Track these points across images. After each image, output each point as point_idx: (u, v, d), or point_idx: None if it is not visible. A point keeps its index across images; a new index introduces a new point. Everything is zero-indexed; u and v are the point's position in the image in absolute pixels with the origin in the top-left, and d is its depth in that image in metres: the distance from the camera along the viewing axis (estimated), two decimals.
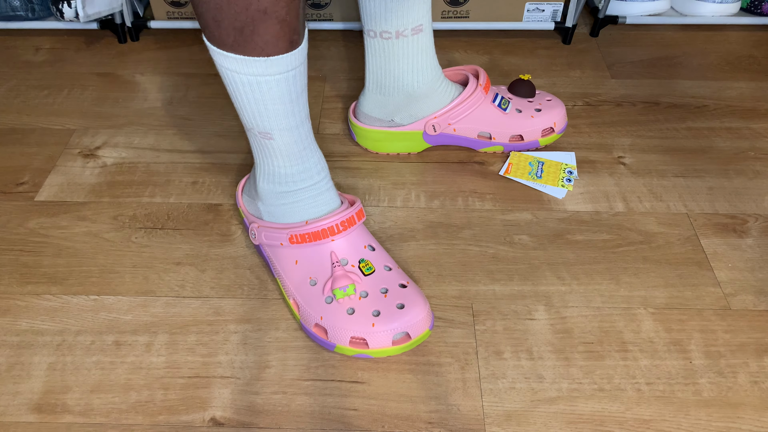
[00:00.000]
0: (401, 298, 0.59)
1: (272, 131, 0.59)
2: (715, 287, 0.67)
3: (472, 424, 0.56)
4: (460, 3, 1.03)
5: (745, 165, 0.83)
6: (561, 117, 0.82)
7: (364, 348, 0.58)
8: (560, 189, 0.78)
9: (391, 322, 0.57)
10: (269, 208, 0.65)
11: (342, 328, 0.58)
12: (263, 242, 0.65)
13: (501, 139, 0.81)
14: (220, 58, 0.53)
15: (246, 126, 0.61)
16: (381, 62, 0.76)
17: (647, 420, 0.56)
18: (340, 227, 0.62)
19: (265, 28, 0.50)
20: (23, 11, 1.02)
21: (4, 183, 0.80)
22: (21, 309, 0.65)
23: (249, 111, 0.57)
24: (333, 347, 0.59)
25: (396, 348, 0.58)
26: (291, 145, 0.60)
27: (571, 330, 0.63)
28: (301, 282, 0.62)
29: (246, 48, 0.51)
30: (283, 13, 0.49)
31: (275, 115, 0.57)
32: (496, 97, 0.80)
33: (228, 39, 0.51)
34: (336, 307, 0.59)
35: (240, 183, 0.73)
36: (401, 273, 0.62)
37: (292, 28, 0.51)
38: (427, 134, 0.81)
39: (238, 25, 0.49)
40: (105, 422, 0.56)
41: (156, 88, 0.96)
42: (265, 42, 0.50)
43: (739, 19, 1.07)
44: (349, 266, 0.61)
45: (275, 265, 0.65)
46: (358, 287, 0.60)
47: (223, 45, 0.51)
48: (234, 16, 0.49)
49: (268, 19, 0.49)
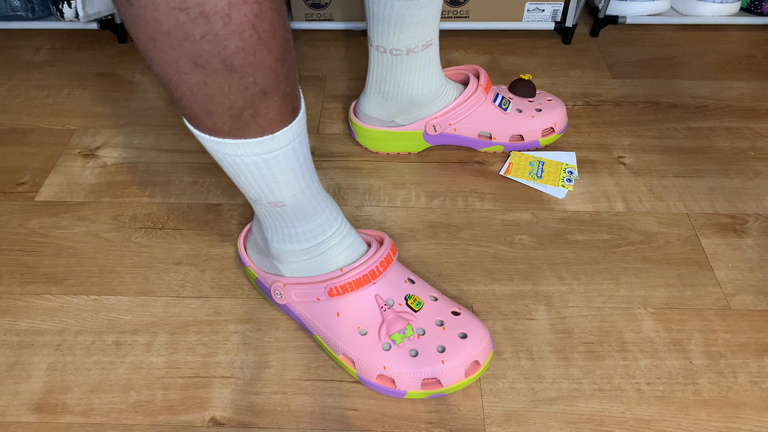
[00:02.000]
0: (460, 326, 0.56)
1: (284, 199, 0.53)
2: (715, 287, 0.67)
3: (472, 424, 0.56)
4: (460, 3, 1.03)
5: (745, 165, 0.83)
6: (561, 117, 0.82)
7: (438, 387, 0.55)
8: (560, 189, 0.78)
9: (460, 354, 0.55)
10: (290, 266, 0.60)
11: (411, 374, 0.55)
12: (293, 300, 0.60)
13: (501, 139, 0.81)
14: (216, 145, 0.47)
15: (252, 198, 0.55)
16: (387, 73, 0.76)
17: (647, 420, 0.56)
18: (380, 269, 0.58)
19: (267, 108, 0.44)
20: (23, 11, 1.02)
21: (4, 183, 0.80)
22: (21, 309, 0.65)
23: (256, 187, 0.52)
24: (403, 395, 0.56)
25: (469, 379, 0.55)
26: (305, 205, 0.55)
27: (571, 330, 0.63)
28: (349, 334, 0.57)
29: (246, 132, 0.45)
30: (283, 87, 0.44)
31: (286, 183, 0.51)
32: (497, 97, 0.80)
33: (224, 127, 0.44)
34: (398, 352, 0.55)
35: (240, 239, 0.67)
36: (448, 300, 0.60)
37: (293, 97, 0.46)
38: (427, 134, 0.81)
39: (235, 111, 0.43)
40: (105, 422, 0.56)
41: (156, 88, 0.96)
42: (268, 121, 0.45)
43: (739, 19, 1.07)
44: (396, 306, 0.58)
45: (313, 323, 0.60)
46: (414, 326, 0.57)
47: (218, 133, 0.45)
48: (229, 105, 0.42)
49: (268, 98, 0.43)
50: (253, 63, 0.41)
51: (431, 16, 0.70)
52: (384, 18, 0.69)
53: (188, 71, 0.40)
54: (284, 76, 0.44)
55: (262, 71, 0.42)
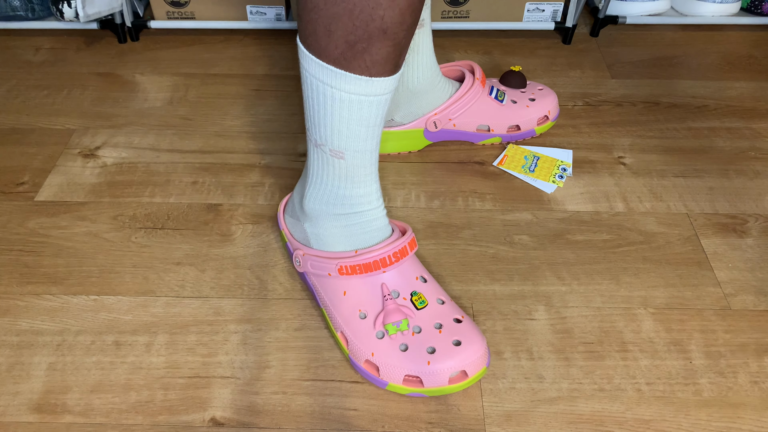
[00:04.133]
0: (457, 333, 0.56)
1: (346, 151, 0.55)
2: (715, 287, 0.67)
3: (472, 424, 0.56)
4: (460, 3, 1.03)
5: (745, 165, 0.83)
6: (554, 105, 0.85)
7: (419, 387, 0.55)
8: (550, 184, 0.79)
9: (448, 359, 0.54)
10: (318, 230, 0.62)
11: (395, 366, 0.55)
12: (308, 270, 0.62)
13: (499, 131, 0.83)
14: (318, 69, 0.49)
15: (315, 141, 0.57)
16: None
17: (647, 420, 0.56)
18: (392, 258, 0.58)
19: (378, 48, 0.47)
20: (23, 11, 1.02)
21: (4, 183, 0.80)
22: (21, 309, 0.65)
23: (329, 127, 0.53)
24: (385, 385, 0.57)
25: (452, 387, 0.55)
26: (360, 167, 0.57)
27: (571, 330, 0.63)
28: (350, 315, 0.59)
29: (351, 64, 0.47)
30: (401, 35, 0.47)
31: (356, 136, 0.54)
32: (492, 90, 0.82)
33: (334, 52, 0.47)
34: (388, 343, 0.56)
35: (281, 203, 0.70)
36: (455, 306, 0.59)
37: (403, 51, 0.48)
38: (428, 131, 0.81)
39: (352, 39, 0.46)
40: (105, 422, 0.56)
41: (156, 88, 0.96)
42: (374, 62, 0.47)
43: (739, 19, 1.07)
44: (400, 299, 0.58)
45: (321, 295, 0.62)
46: (411, 322, 0.57)
47: (326, 57, 0.48)
48: (350, 30, 0.45)
49: (386, 39, 0.46)
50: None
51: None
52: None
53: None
54: (408, 25, 0.46)
55: (393, 9, 0.45)
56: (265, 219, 0.75)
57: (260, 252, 0.71)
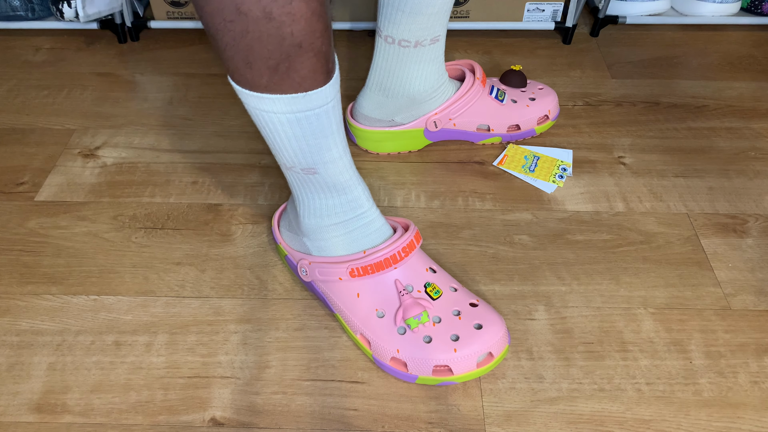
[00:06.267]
0: (476, 317, 0.57)
1: (316, 165, 0.56)
2: (715, 287, 0.67)
3: (472, 424, 0.56)
4: (460, 3, 1.03)
5: (745, 165, 0.83)
6: (554, 104, 0.85)
7: (449, 375, 0.56)
8: (550, 184, 0.79)
9: (473, 344, 0.56)
10: (318, 243, 0.62)
11: (423, 359, 0.56)
12: (317, 278, 0.62)
13: (499, 130, 0.83)
14: (254, 100, 0.50)
15: (285, 165, 0.57)
16: (391, 66, 0.76)
17: (647, 420, 0.56)
18: (402, 254, 0.59)
19: (302, 63, 0.47)
20: (23, 11, 1.02)
21: (4, 183, 0.80)
22: (21, 309, 0.65)
23: (290, 149, 0.54)
24: (415, 379, 0.57)
25: (481, 370, 0.56)
26: (336, 175, 0.58)
27: (571, 330, 0.63)
28: (367, 316, 0.59)
29: (282, 86, 0.48)
30: (318, 44, 0.47)
31: (318, 149, 0.54)
32: (492, 89, 0.82)
33: (261, 80, 0.48)
34: (412, 337, 0.57)
35: (274, 217, 0.70)
36: (468, 292, 0.60)
37: (327, 58, 0.49)
38: (428, 131, 0.81)
39: (272, 64, 0.46)
40: (105, 422, 0.56)
41: (156, 88, 0.96)
42: (303, 77, 0.48)
43: (739, 19, 1.07)
44: (415, 292, 0.59)
45: (334, 301, 0.62)
46: (430, 313, 0.58)
47: (257, 87, 0.49)
48: (267, 56, 0.46)
49: (304, 52, 0.46)
50: (290, 13, 0.44)
51: (444, 9, 0.70)
52: (399, 5, 0.69)
53: (232, 19, 0.44)
54: (320, 32, 0.47)
55: (299, 23, 0.45)
56: (265, 219, 0.75)
57: (260, 252, 0.71)
